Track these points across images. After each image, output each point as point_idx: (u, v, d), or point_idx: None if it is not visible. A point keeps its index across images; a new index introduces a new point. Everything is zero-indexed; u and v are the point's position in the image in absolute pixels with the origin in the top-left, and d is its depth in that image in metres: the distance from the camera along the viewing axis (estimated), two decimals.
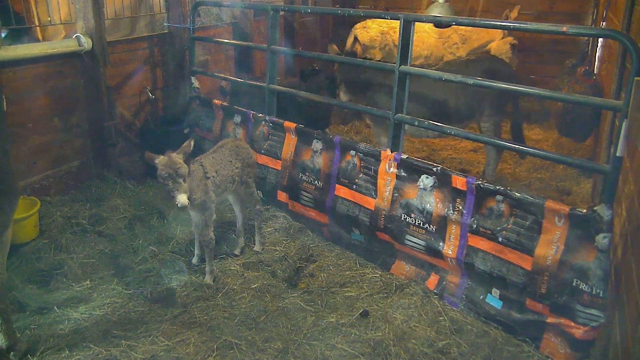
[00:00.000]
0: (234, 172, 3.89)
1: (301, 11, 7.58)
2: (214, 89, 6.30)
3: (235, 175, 3.90)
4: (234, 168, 3.90)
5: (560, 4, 8.28)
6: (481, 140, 4.15)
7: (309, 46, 8.33)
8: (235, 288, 3.65)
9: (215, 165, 3.77)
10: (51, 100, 4.58)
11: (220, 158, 3.84)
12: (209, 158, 3.78)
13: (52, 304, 3.40)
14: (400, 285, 3.70)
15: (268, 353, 3.06)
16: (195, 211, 3.65)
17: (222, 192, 3.83)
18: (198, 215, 3.67)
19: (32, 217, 4.02)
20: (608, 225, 2.91)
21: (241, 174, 3.96)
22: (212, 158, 3.80)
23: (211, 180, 3.67)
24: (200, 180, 3.57)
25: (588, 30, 6.50)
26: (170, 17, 5.71)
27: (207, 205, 3.63)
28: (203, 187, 3.59)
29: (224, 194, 3.88)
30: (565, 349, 3.08)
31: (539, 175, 5.66)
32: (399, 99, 3.88)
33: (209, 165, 3.71)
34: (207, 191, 3.62)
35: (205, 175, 3.62)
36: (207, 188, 3.62)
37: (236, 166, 3.91)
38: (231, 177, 3.87)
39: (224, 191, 3.86)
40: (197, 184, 3.53)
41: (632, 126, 2.14)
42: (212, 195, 3.68)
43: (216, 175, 3.73)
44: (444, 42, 7.03)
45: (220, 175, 3.77)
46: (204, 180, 3.60)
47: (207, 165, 3.69)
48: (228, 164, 3.86)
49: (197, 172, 3.56)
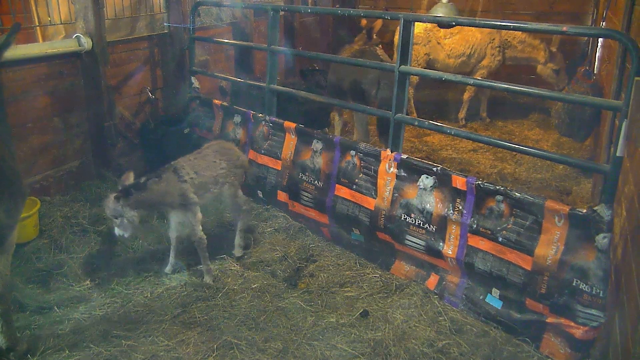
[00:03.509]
0: (217, 173, 3.85)
1: (301, 11, 7.58)
2: (214, 89, 6.29)
3: (219, 176, 3.86)
4: (219, 169, 3.86)
5: (560, 4, 8.28)
6: (481, 140, 4.16)
7: (309, 46, 8.33)
8: (235, 288, 3.65)
9: (196, 166, 3.75)
10: (51, 100, 4.58)
11: (202, 159, 3.82)
12: (188, 160, 3.78)
13: (52, 304, 3.40)
14: (400, 285, 3.70)
15: (268, 353, 3.06)
16: (176, 215, 3.69)
17: (205, 193, 3.79)
18: (180, 218, 3.70)
19: (32, 217, 4.01)
20: (608, 225, 2.91)
21: (227, 174, 3.92)
22: (193, 160, 3.79)
23: (189, 182, 3.64)
24: (173, 186, 3.59)
25: (588, 30, 6.51)
26: (170, 17, 5.71)
27: (188, 207, 3.63)
28: (178, 191, 3.59)
29: (207, 195, 3.83)
30: (565, 349, 3.09)
31: (539, 175, 5.66)
32: (399, 99, 3.88)
33: (187, 168, 3.70)
34: (184, 194, 3.61)
35: (179, 179, 3.61)
36: (183, 191, 3.61)
37: (221, 167, 3.88)
38: (214, 178, 3.82)
39: (207, 192, 3.81)
40: (169, 191, 3.57)
41: (632, 126, 2.14)
42: (193, 197, 3.65)
43: (196, 176, 3.70)
44: (489, 42, 7.10)
45: (201, 176, 3.74)
46: (177, 185, 3.60)
47: (184, 168, 3.68)
48: (211, 165, 3.83)
49: (168, 179, 3.59)
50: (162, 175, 3.58)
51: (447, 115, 7.73)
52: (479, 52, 7.13)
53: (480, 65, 7.20)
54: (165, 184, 3.56)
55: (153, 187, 3.51)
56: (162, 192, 3.55)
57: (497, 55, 7.10)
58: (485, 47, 7.10)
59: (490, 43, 7.08)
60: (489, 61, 7.13)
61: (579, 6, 8.05)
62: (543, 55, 6.92)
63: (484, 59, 7.15)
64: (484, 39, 7.08)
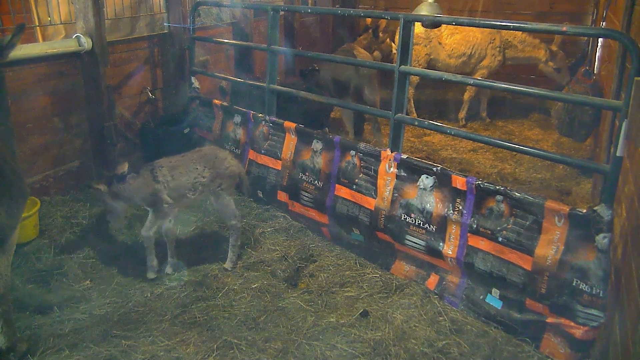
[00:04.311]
0: (197, 179, 3.71)
1: (301, 11, 7.59)
2: (214, 89, 6.30)
3: (198, 183, 3.72)
4: (199, 176, 3.72)
5: (560, 4, 8.29)
6: (481, 140, 4.16)
7: (309, 46, 8.33)
8: (235, 288, 3.65)
9: (174, 169, 3.70)
10: (51, 100, 4.58)
11: (183, 162, 3.75)
12: (169, 162, 3.74)
13: (52, 304, 3.40)
14: (400, 285, 3.70)
15: (268, 353, 3.06)
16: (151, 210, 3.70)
17: (180, 197, 3.70)
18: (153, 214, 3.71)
19: (32, 217, 4.01)
20: (608, 225, 2.91)
21: (210, 184, 3.77)
22: (174, 161, 3.75)
23: (162, 184, 3.61)
24: (147, 185, 3.60)
25: (588, 30, 6.50)
26: (170, 17, 5.71)
27: (158, 207, 3.63)
28: (151, 191, 3.60)
29: (183, 199, 3.72)
30: (565, 349, 3.08)
31: (539, 175, 5.66)
32: (399, 99, 3.88)
33: (165, 170, 3.66)
34: (156, 194, 3.60)
35: (153, 179, 3.60)
36: (155, 191, 3.60)
37: (203, 175, 3.73)
38: (192, 184, 3.70)
39: (182, 197, 3.71)
40: (142, 189, 3.60)
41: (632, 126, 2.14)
42: (165, 199, 3.62)
43: (171, 179, 3.65)
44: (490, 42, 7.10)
45: (177, 180, 3.67)
46: (151, 184, 3.60)
47: (162, 169, 3.66)
48: (192, 171, 3.72)
49: (144, 177, 3.62)
50: (140, 172, 3.63)
51: (447, 115, 7.74)
52: (480, 52, 7.14)
53: (480, 65, 7.21)
54: (140, 181, 3.61)
55: (130, 181, 3.60)
56: (136, 188, 3.61)
57: (498, 55, 7.11)
58: (486, 47, 7.11)
59: (490, 43, 7.09)
60: (489, 61, 7.14)
61: (579, 6, 8.06)
62: (544, 54, 6.92)
63: (485, 59, 7.16)
64: (484, 39, 7.09)
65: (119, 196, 3.63)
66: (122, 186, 3.59)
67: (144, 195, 3.62)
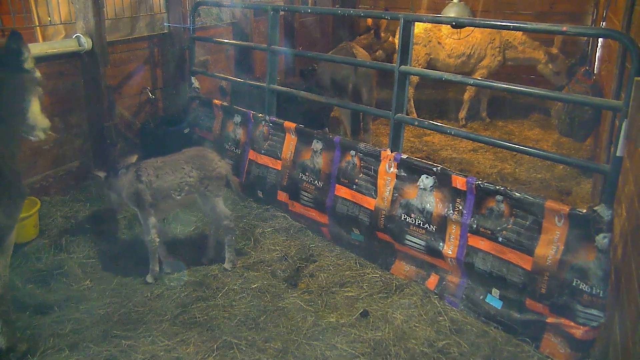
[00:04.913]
0: (183, 180, 3.68)
1: (301, 11, 7.59)
2: (214, 89, 6.29)
3: (185, 184, 3.69)
4: (186, 176, 3.70)
5: (560, 4, 8.29)
6: (481, 140, 4.15)
7: (309, 46, 8.33)
8: (235, 288, 3.65)
9: (160, 169, 3.67)
10: (51, 100, 4.58)
11: (170, 163, 3.73)
12: (155, 162, 3.72)
13: (52, 304, 3.41)
14: (400, 285, 3.70)
15: (268, 353, 3.06)
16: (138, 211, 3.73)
17: (165, 198, 3.67)
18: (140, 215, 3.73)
19: (32, 217, 4.01)
20: (608, 225, 2.91)
21: (197, 185, 3.74)
22: (160, 161, 3.73)
23: (145, 184, 3.59)
24: (130, 183, 3.60)
25: (588, 30, 6.50)
26: (170, 17, 5.71)
27: (141, 207, 3.63)
28: (133, 190, 3.59)
29: (167, 200, 3.69)
30: (565, 349, 3.08)
31: (539, 175, 5.66)
32: (399, 98, 3.88)
33: (150, 169, 3.65)
34: (138, 193, 3.59)
35: (137, 178, 3.60)
36: (138, 191, 3.59)
37: (190, 175, 3.70)
38: (178, 185, 3.67)
39: (167, 197, 3.67)
40: (126, 186, 3.61)
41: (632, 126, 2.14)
42: (147, 199, 3.60)
43: (155, 179, 3.63)
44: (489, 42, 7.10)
45: (162, 180, 3.64)
46: (134, 183, 3.59)
47: (147, 169, 3.65)
48: (178, 171, 3.70)
49: (129, 175, 3.63)
50: (128, 169, 3.66)
51: (447, 115, 7.74)
52: (479, 52, 7.14)
53: (480, 65, 7.22)
54: (125, 179, 3.63)
55: (120, 177, 3.64)
56: (121, 185, 3.64)
57: (498, 55, 7.12)
58: (486, 47, 7.11)
59: (490, 43, 7.09)
60: (489, 61, 7.14)
61: (579, 6, 8.06)
62: (543, 57, 6.92)
63: (484, 59, 7.16)
64: (484, 39, 7.10)
65: (111, 187, 3.70)
66: (113, 180, 3.67)
67: (127, 193, 3.63)
